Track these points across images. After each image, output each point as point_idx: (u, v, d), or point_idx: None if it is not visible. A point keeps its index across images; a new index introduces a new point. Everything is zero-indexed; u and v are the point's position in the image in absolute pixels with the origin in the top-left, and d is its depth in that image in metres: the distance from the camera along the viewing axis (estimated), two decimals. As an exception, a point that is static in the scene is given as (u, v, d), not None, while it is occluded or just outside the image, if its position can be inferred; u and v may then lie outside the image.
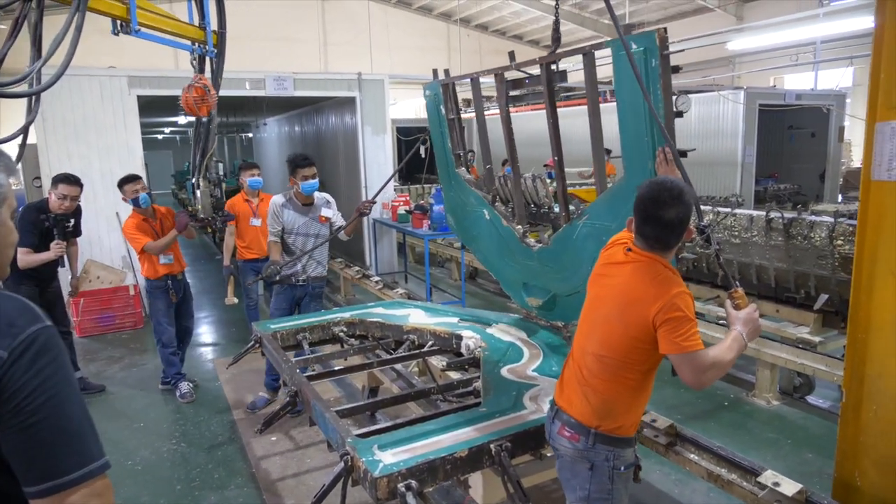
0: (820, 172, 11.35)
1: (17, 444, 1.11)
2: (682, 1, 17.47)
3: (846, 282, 4.33)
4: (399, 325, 3.99)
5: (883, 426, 2.63)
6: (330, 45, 20.09)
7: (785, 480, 2.57)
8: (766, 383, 4.60)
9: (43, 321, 1.15)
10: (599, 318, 2.15)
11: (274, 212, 4.57)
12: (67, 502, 1.13)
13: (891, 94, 2.49)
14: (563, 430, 2.16)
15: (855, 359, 2.72)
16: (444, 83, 4.12)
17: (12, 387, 1.08)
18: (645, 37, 2.54)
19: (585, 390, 2.13)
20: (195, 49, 4.30)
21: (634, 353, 2.05)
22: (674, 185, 2.05)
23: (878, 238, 2.58)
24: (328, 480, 2.34)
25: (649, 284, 2.02)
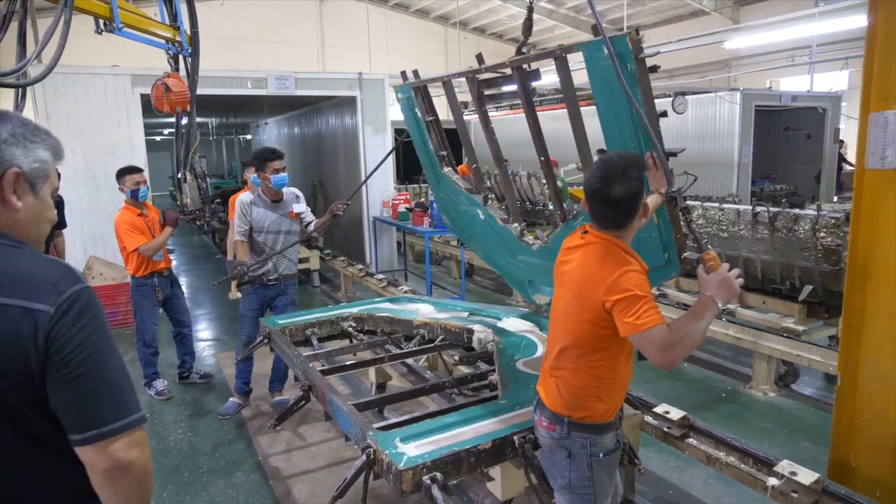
0: (816, 174, 11.48)
1: (64, 396, 1.19)
2: (678, 4, 17.61)
3: (829, 272, 4.48)
4: (409, 320, 3.99)
5: (877, 409, 2.70)
6: (328, 48, 20.19)
7: (801, 470, 2.58)
8: (763, 375, 4.68)
9: (83, 282, 1.23)
10: (560, 308, 2.14)
11: (241, 210, 4.40)
12: (110, 450, 1.22)
13: (883, 85, 2.57)
14: (542, 420, 2.16)
15: (850, 343, 2.79)
16: (414, 86, 4.03)
17: (59, 341, 1.17)
18: (617, 41, 2.44)
19: (556, 381, 2.12)
20: (170, 48, 4.45)
21: (595, 340, 2.00)
22: (620, 159, 2.02)
23: (872, 225, 2.65)
24: (350, 474, 2.33)
25: (597, 266, 1.98)
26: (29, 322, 1.16)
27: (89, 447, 1.21)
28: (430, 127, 4.19)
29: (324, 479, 3.65)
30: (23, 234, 1.29)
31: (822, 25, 7.95)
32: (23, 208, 1.27)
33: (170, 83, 4.40)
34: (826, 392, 4.73)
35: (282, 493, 3.53)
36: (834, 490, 2.48)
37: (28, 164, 1.26)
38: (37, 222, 1.32)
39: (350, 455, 3.89)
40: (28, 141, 1.27)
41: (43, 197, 1.31)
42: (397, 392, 3.38)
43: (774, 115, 11.70)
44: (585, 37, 15.40)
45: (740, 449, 2.83)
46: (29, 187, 1.28)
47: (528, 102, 3.27)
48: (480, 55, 3.48)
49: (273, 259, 4.42)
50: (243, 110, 11.87)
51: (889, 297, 2.61)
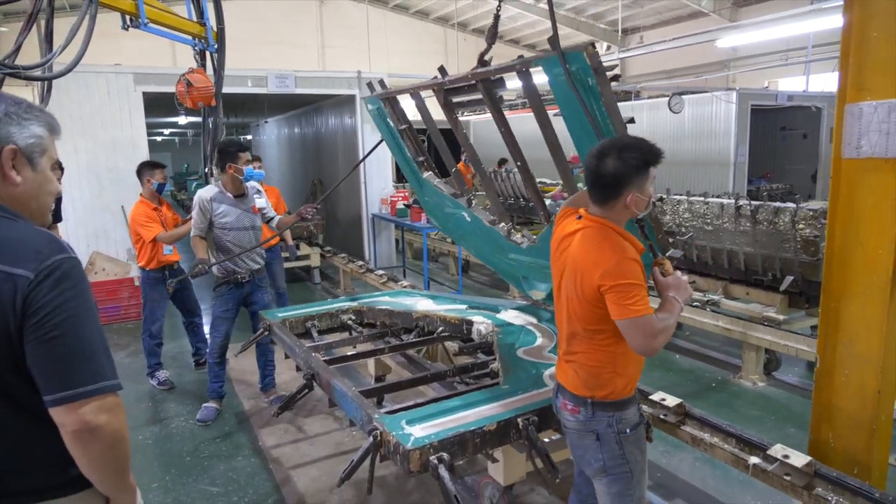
0: (812, 173, 11.59)
1: (38, 357, 1.24)
2: (676, 6, 17.72)
3: (808, 263, 4.61)
4: (408, 313, 4.04)
5: (854, 389, 2.80)
6: (327, 48, 20.32)
7: (794, 453, 2.64)
8: (752, 365, 4.78)
9: (67, 252, 1.30)
10: (563, 294, 2.18)
11: (201, 207, 4.24)
12: (80, 412, 1.26)
13: (857, 78, 2.68)
14: (566, 404, 2.19)
15: (828, 327, 2.89)
16: (383, 97, 4.01)
17: (36, 304, 1.22)
18: (573, 56, 2.44)
19: (573, 366, 2.17)
20: (196, 44, 4.50)
21: (598, 320, 2.05)
22: (628, 140, 2.05)
23: (849, 212, 2.75)
24: (356, 456, 2.37)
25: (594, 250, 2.03)
26: (9, 286, 1.21)
27: (60, 408, 1.26)
28: (404, 135, 4.17)
29: (323, 465, 3.74)
30: (24, 207, 1.36)
31: (815, 23, 8.05)
32: (22, 183, 1.34)
33: (192, 78, 4.45)
34: (808, 380, 4.85)
35: (282, 478, 3.62)
36: (825, 472, 2.52)
37: (24, 140, 1.34)
38: (36, 195, 1.39)
39: (349, 445, 4.00)
40: (22, 118, 1.34)
41: (42, 170, 1.39)
42: (399, 380, 3.43)
43: (771, 115, 11.82)
44: (584, 38, 15.46)
45: (735, 435, 2.87)
46: (27, 162, 1.35)
47: (496, 110, 3.28)
48: (443, 67, 3.48)
49: (242, 258, 4.31)
50: (243, 109, 11.98)
51: (865, 281, 2.72)
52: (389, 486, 3.45)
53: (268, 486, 3.57)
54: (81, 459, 1.32)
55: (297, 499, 3.41)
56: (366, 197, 8.87)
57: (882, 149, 2.60)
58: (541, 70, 2.74)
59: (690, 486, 3.45)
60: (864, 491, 2.38)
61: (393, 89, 3.99)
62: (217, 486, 3.58)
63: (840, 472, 2.55)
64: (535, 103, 3.02)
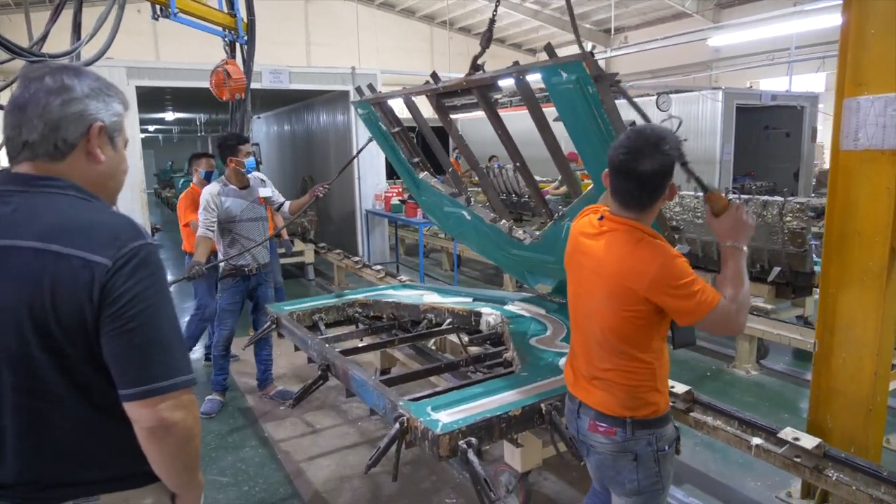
0: (794, 171, 11.85)
1: (115, 349, 1.21)
2: (661, 7, 17.96)
3: (795, 254, 4.79)
4: (416, 305, 4.07)
5: (851, 372, 2.92)
6: (313, 46, 20.26)
7: (803, 436, 2.71)
8: (746, 354, 4.92)
9: (145, 238, 1.25)
10: (590, 304, 1.97)
11: (210, 202, 4.20)
12: (157, 409, 1.23)
13: (855, 73, 2.79)
14: (596, 427, 1.96)
15: (826, 312, 3.01)
16: (373, 102, 4.00)
17: (114, 293, 1.18)
18: (573, 66, 2.42)
19: (605, 384, 1.94)
20: (226, 35, 4.48)
21: (639, 331, 1.87)
22: (653, 132, 1.81)
23: (846, 202, 2.87)
24: (382, 443, 2.38)
25: (629, 257, 1.83)
26: (87, 273, 1.17)
27: (135, 403, 1.23)
28: (397, 137, 4.15)
29: (332, 457, 3.77)
30: (102, 186, 1.33)
31: (799, 24, 8.26)
32: (104, 161, 1.31)
33: (230, 70, 4.43)
34: (796, 367, 5.03)
35: (292, 470, 3.64)
36: (834, 454, 2.60)
37: (108, 118, 1.30)
38: (114, 174, 1.37)
39: (356, 438, 4.04)
40: (105, 95, 1.31)
41: (119, 149, 1.36)
42: (416, 370, 3.46)
43: (755, 115, 12.04)
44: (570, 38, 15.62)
45: (744, 420, 2.93)
46: (108, 140, 1.32)
47: (492, 114, 3.28)
48: (435, 73, 3.47)
49: (249, 249, 4.32)
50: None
51: (862, 268, 2.83)
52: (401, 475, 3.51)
53: (278, 475, 3.60)
54: (154, 455, 1.29)
55: (310, 489, 3.45)
56: (359, 193, 8.91)
57: (879, 141, 2.72)
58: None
59: (693, 470, 3.55)
60: (872, 470, 2.46)
61: (383, 94, 3.97)
62: (226, 477, 3.61)
63: (848, 454, 2.62)
64: (532, 107, 3.02)
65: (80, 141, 1.27)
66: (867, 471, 2.48)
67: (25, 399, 1.23)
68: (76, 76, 1.28)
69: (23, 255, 1.19)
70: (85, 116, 1.27)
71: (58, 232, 1.20)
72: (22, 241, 1.19)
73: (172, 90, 9.46)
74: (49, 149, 1.25)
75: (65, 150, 1.26)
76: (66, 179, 1.27)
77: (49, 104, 1.24)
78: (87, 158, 1.29)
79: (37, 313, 1.18)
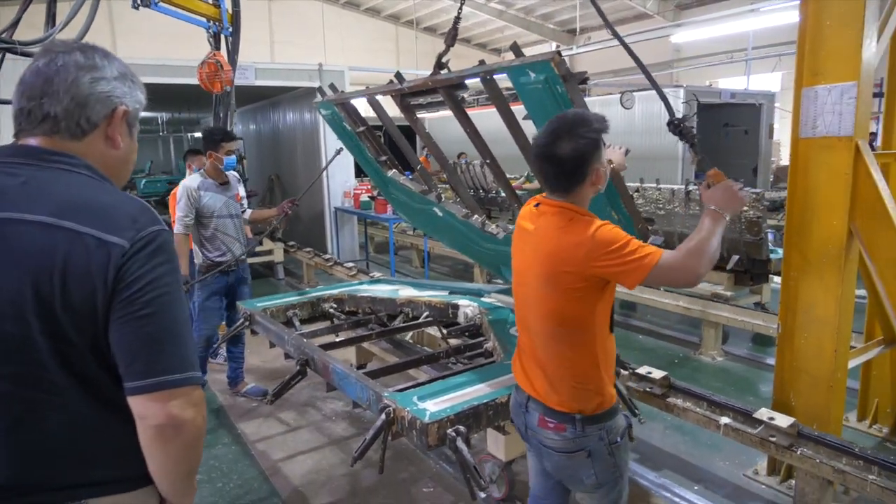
0: (753, 167, 12.22)
1: (125, 337, 1.13)
2: (622, 7, 18.29)
3: (752, 242, 4.98)
4: (392, 299, 4.04)
5: (813, 350, 3.03)
6: (276, 44, 20.01)
7: (778, 415, 2.78)
8: (711, 341, 5.06)
9: (161, 224, 1.20)
10: (530, 290, 1.93)
11: (190, 197, 4.11)
12: (168, 405, 1.14)
13: (813, 63, 2.91)
14: (546, 423, 1.91)
15: (788, 294, 3.12)
16: (336, 102, 3.95)
17: (129, 277, 1.11)
18: (541, 65, 2.41)
19: (550, 376, 1.90)
20: (210, 27, 4.40)
21: (578, 312, 1.82)
22: (574, 116, 1.82)
23: (806, 188, 2.99)
24: (368, 435, 2.37)
25: (564, 233, 1.80)
26: (102, 254, 1.10)
27: (143, 397, 1.14)
28: (362, 136, 4.10)
29: (309, 451, 3.75)
30: (114, 171, 1.28)
31: (754, 21, 8.57)
32: (122, 147, 1.27)
33: (222, 61, 4.32)
34: (757, 353, 5.24)
35: (268, 466, 3.60)
36: (807, 433, 2.68)
37: (132, 104, 1.28)
38: (127, 161, 1.32)
39: (331, 435, 4.03)
40: (130, 81, 1.28)
41: (134, 138, 1.33)
42: (396, 363, 3.43)
43: (714, 112, 12.36)
44: (535, 38, 15.75)
45: (719, 404, 3.01)
46: (127, 127, 1.29)
47: (460, 113, 3.27)
48: (399, 73, 3.46)
49: (228, 246, 4.28)
50: (198, 104, 11.71)
51: (821, 251, 2.95)
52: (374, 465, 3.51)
53: (252, 472, 3.56)
54: (158, 457, 1.20)
55: (287, 484, 3.43)
56: (328, 190, 8.85)
57: (836, 128, 2.84)
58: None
59: (663, 452, 3.64)
60: (844, 447, 2.55)
61: (346, 93, 3.92)
62: (200, 474, 3.52)
63: (821, 432, 2.70)
64: (501, 106, 3.02)
65: (103, 122, 1.23)
66: (839, 447, 2.56)
67: (19, 389, 1.14)
68: (105, 57, 1.25)
69: (30, 229, 1.11)
70: (112, 98, 1.24)
71: (72, 209, 1.13)
72: (31, 214, 1.12)
73: (133, 87, 9.25)
74: (71, 125, 1.20)
75: (87, 128, 1.22)
76: (80, 158, 1.21)
77: (79, 79, 1.19)
78: (106, 142, 1.25)
79: (43, 294, 1.10)
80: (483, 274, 7.70)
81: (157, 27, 15.81)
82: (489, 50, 23.01)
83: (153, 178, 14.72)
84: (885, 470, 2.49)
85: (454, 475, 3.40)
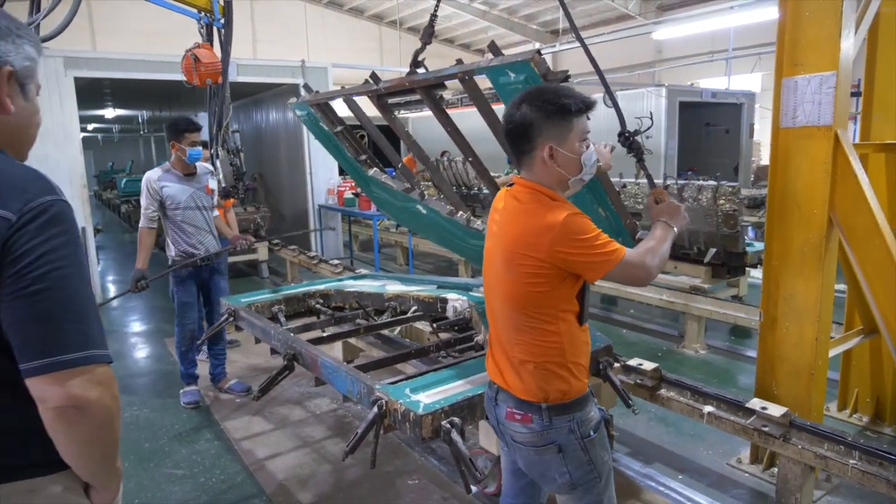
0: (734, 166, 12.36)
1: (17, 314, 1.04)
2: (606, 9, 18.45)
3: (728, 235, 5.03)
4: (380, 294, 4.00)
5: (794, 339, 3.07)
6: (259, 43, 19.88)
7: (770, 405, 2.79)
8: (695, 335, 5.10)
9: (58, 194, 1.11)
10: (495, 274, 1.86)
11: (149, 189, 4.07)
12: (67, 385, 1.05)
13: (792, 54, 2.94)
14: (513, 415, 1.81)
15: (770, 284, 3.15)
16: (312, 103, 3.90)
17: (17, 250, 1.03)
18: (521, 66, 2.36)
19: (514, 362, 1.82)
20: (202, 18, 4.32)
21: (541, 298, 1.74)
22: (539, 87, 1.82)
23: (786, 177, 3.02)
24: (361, 428, 2.33)
25: (531, 216, 1.73)
26: None
27: (40, 379, 1.05)
28: (340, 136, 4.05)
29: (292, 447, 3.72)
30: (8, 139, 1.18)
31: (735, 18, 8.71)
32: (14, 111, 1.16)
33: (199, 54, 4.23)
34: (735, 345, 5.33)
35: (251, 462, 3.56)
36: (800, 423, 2.70)
37: (19, 63, 1.15)
38: (26, 126, 1.21)
39: (315, 431, 4.00)
40: (15, 35, 1.15)
41: (32, 98, 1.21)
42: (385, 357, 3.36)
43: (696, 112, 12.50)
44: (517, 38, 15.85)
45: (711, 395, 3.03)
46: (19, 88, 1.17)
47: (439, 112, 3.22)
48: (374, 74, 3.36)
49: (199, 239, 4.23)
50: (179, 101, 11.60)
51: (802, 239, 2.98)
52: (361, 460, 3.48)
53: (236, 467, 3.52)
54: (64, 442, 1.11)
55: (271, 479, 3.39)
56: (312, 188, 8.79)
57: (815, 117, 2.87)
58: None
59: (647, 443, 3.66)
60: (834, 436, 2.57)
61: (321, 94, 3.84)
62: (181, 469, 3.50)
63: (815, 423, 2.72)
64: (481, 106, 2.97)
65: None
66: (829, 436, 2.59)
67: None
68: None
69: None
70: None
71: None
72: None
73: (113, 84, 9.13)
74: None
75: None
76: None
77: None
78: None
79: None
80: (468, 269, 7.70)
81: (137, 25, 15.73)
82: (473, 51, 23.06)
83: (134, 178, 14.57)
84: (865, 454, 2.53)
85: (440, 468, 3.39)
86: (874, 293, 2.90)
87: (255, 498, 3.20)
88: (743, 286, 5.56)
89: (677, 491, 3.15)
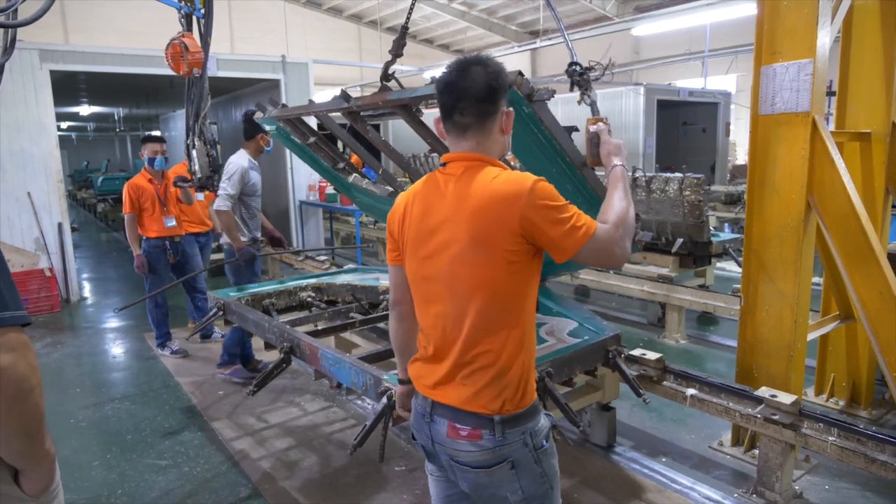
0: (711, 164, 12.57)
1: None
2: (583, 10, 18.67)
3: (694, 225, 5.15)
4: (373, 287, 3.96)
5: (773, 322, 3.14)
6: (238, 42, 19.70)
7: (780, 393, 2.80)
8: (675, 325, 5.17)
9: None
10: (444, 268, 1.56)
11: (241, 174, 4.28)
12: None
13: (771, 43, 3.01)
14: (457, 431, 1.56)
15: (750, 268, 3.22)
16: (280, 118, 3.81)
17: None
18: None
19: (469, 372, 1.55)
20: (182, 7, 4.28)
21: (518, 286, 1.54)
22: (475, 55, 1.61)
23: (765, 162, 3.09)
24: (369, 420, 2.30)
25: (497, 184, 1.51)
26: None
27: None
28: (315, 148, 3.99)
29: (273, 435, 3.70)
30: None
31: (710, 14, 8.89)
32: None
33: (187, 42, 4.20)
34: (700, 331, 5.50)
35: (236, 451, 3.53)
36: (810, 411, 2.72)
37: None
38: None
39: (304, 421, 3.97)
40: None
41: None
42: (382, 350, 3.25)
43: (673, 111, 12.69)
44: (497, 39, 15.91)
45: (718, 386, 3.05)
46: None
47: (416, 124, 3.07)
48: (344, 91, 3.21)
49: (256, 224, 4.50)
50: (156, 97, 11.43)
51: (781, 224, 3.05)
52: (345, 447, 3.48)
53: (219, 456, 3.49)
54: None
55: (256, 467, 3.36)
56: (293, 184, 8.74)
57: (793, 104, 2.94)
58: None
59: (632, 428, 3.71)
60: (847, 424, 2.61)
61: (289, 109, 3.73)
62: (165, 460, 3.46)
63: (825, 409, 2.76)
64: None
65: None
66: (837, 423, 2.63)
67: None
68: None
69: None
70: None
71: None
72: None
73: (89, 79, 8.98)
74: None
75: None
76: None
77: None
78: None
79: None
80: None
81: (112, 23, 15.47)
82: (452, 51, 23.10)
83: (110, 176, 14.35)
84: (843, 431, 2.59)
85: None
86: (851, 276, 2.98)
87: (240, 486, 3.18)
88: (710, 276, 5.67)
89: (661, 473, 3.19)
